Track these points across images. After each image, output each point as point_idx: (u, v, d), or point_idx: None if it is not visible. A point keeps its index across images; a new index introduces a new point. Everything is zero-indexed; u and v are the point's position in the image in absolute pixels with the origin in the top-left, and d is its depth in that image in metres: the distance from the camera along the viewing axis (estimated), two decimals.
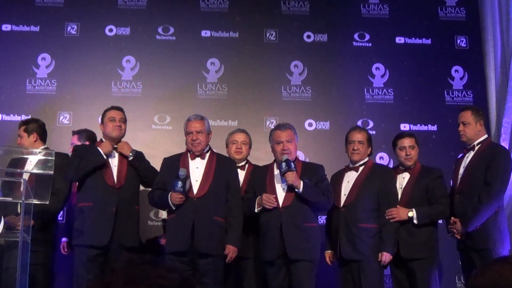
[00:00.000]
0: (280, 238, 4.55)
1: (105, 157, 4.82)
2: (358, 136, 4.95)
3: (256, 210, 4.68)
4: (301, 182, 4.58)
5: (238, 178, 4.90)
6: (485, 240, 4.60)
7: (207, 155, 4.79)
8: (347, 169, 4.99)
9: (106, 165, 4.84)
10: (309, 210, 4.65)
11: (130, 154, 4.90)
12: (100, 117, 5.10)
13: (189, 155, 4.77)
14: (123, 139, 5.02)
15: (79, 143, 5.31)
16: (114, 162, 4.91)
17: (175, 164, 4.69)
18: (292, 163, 4.60)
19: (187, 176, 4.61)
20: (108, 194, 4.78)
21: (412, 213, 4.75)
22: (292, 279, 4.57)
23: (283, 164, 4.58)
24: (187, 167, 4.67)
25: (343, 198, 4.83)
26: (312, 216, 4.71)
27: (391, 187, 4.89)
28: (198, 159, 4.75)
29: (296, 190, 4.59)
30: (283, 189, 4.67)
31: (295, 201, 4.62)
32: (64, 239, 5.34)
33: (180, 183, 4.53)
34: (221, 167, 4.76)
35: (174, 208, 4.62)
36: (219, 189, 4.68)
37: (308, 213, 4.65)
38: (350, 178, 4.91)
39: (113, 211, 4.73)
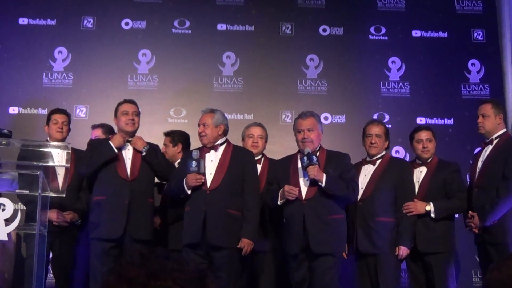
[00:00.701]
0: (303, 231, 4.47)
1: (116, 150, 4.79)
2: (375, 130, 4.92)
3: (279, 203, 4.61)
4: (324, 176, 4.49)
5: (256, 170, 4.84)
6: (503, 235, 4.57)
7: (222, 147, 4.76)
8: (364, 162, 4.96)
9: (118, 157, 4.82)
10: (333, 202, 4.55)
11: (144, 149, 4.86)
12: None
13: (204, 148, 4.76)
14: (138, 132, 5.00)
15: (103, 137, 5.32)
16: (128, 154, 4.88)
17: None
18: (314, 157, 4.50)
19: (201, 158, 4.60)
20: (121, 186, 4.76)
21: (430, 207, 4.72)
22: (314, 273, 4.49)
23: (305, 158, 4.48)
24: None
25: (360, 192, 4.79)
26: (337, 208, 4.58)
27: (409, 180, 4.86)
28: (212, 152, 4.72)
29: (319, 183, 4.51)
30: (307, 180, 4.56)
31: (318, 193, 4.52)
32: None
33: (194, 163, 4.53)
34: (237, 159, 4.71)
35: (189, 192, 4.59)
36: (233, 182, 4.63)
37: (332, 205, 4.54)
38: (367, 172, 4.88)
39: (126, 204, 4.71)
